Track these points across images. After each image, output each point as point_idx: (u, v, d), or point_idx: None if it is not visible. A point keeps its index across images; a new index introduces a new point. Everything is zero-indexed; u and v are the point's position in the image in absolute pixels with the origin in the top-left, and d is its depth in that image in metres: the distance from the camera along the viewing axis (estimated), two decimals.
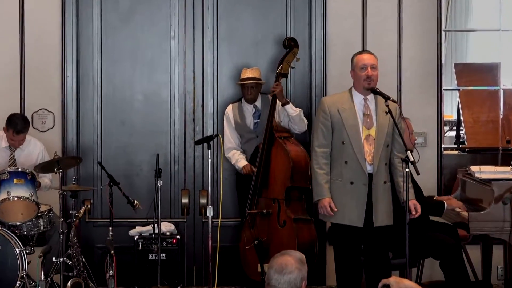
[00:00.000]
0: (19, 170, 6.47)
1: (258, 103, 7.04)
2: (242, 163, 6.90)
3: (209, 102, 7.36)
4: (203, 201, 7.23)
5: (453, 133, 8.29)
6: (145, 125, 7.37)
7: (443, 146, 7.43)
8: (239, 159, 6.93)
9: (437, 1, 7.32)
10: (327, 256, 7.17)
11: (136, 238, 6.92)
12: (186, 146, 7.36)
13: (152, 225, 6.82)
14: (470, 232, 6.11)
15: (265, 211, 6.64)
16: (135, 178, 7.35)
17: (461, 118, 7.87)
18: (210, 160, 6.45)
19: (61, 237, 6.26)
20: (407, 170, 5.59)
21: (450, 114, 8.57)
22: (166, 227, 6.99)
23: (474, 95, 7.89)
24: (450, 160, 7.51)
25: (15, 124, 6.72)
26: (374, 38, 7.28)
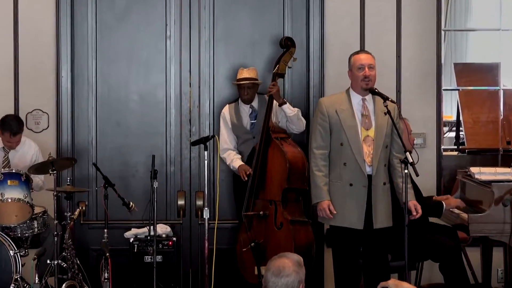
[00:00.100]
0: (13, 171, 6.46)
1: (255, 104, 6.99)
2: (237, 163, 6.84)
3: (205, 103, 7.33)
4: (200, 202, 7.19)
5: (452, 134, 8.36)
6: (140, 126, 7.34)
7: (443, 147, 7.41)
8: (234, 159, 6.88)
9: (436, 0, 7.29)
10: (325, 258, 7.13)
11: (131, 240, 6.89)
12: (182, 147, 7.33)
13: (147, 227, 6.76)
14: (470, 234, 6.10)
15: (261, 213, 6.61)
16: (131, 180, 7.32)
17: (460, 118, 7.90)
18: (206, 161, 6.42)
19: (55, 239, 6.24)
20: (406, 171, 5.57)
21: (449, 114, 8.60)
22: (162, 229, 6.95)
23: (474, 96, 7.91)
24: (450, 161, 7.51)
25: (10, 126, 6.69)
26: (373, 38, 7.26)
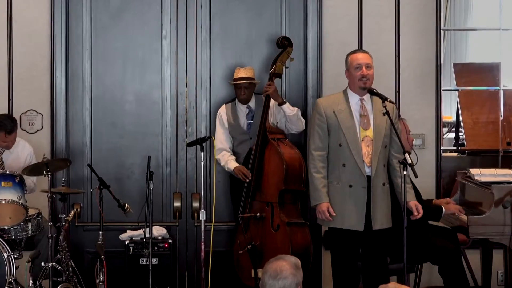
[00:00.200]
0: (7, 172, 6.43)
1: (252, 104, 6.95)
2: (232, 165, 6.79)
3: (201, 103, 7.30)
4: (196, 204, 7.16)
5: (452, 134, 8.38)
6: (136, 126, 7.31)
7: (442, 148, 7.38)
8: (229, 161, 6.83)
9: None
10: (323, 261, 7.09)
11: (127, 242, 6.87)
12: (178, 148, 7.30)
13: (143, 229, 6.71)
14: (470, 236, 6.11)
15: (258, 215, 6.58)
16: (126, 181, 7.29)
17: (460, 119, 7.89)
18: (202, 162, 6.39)
19: (50, 241, 6.23)
20: (405, 173, 5.55)
21: (449, 115, 8.62)
22: (158, 231, 6.92)
23: (474, 96, 7.90)
24: (449, 162, 7.49)
25: (4, 125, 6.66)
26: (371, 38, 7.23)
